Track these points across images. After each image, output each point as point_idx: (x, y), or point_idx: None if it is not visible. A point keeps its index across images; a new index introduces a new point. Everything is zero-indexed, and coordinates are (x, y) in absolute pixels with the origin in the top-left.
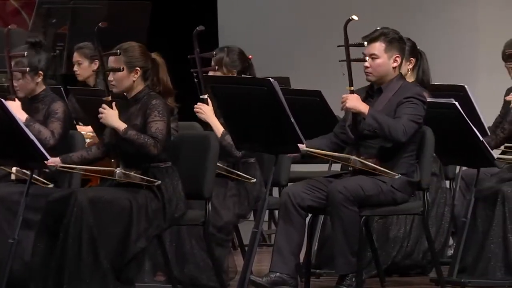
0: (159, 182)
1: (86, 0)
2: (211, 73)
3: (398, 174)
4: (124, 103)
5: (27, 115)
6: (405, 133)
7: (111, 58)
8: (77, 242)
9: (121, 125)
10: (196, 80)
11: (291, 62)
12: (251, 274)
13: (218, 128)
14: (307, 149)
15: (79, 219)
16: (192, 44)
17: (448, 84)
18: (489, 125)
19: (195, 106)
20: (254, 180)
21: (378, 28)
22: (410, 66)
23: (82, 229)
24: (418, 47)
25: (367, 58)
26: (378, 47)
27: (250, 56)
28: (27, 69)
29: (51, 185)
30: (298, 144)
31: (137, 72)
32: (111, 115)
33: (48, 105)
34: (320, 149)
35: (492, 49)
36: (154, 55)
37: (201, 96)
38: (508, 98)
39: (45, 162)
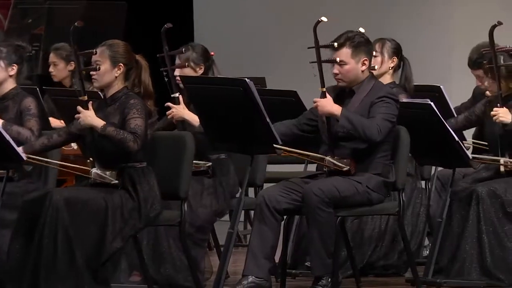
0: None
1: (62, 0)
2: (177, 72)
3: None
4: (101, 102)
5: (2, 120)
6: (380, 133)
7: (96, 52)
8: (52, 242)
9: (99, 123)
10: (166, 79)
11: (266, 63)
12: (226, 276)
13: (195, 119)
14: (283, 148)
15: (54, 219)
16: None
17: (424, 85)
18: None
19: (167, 113)
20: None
21: (342, 33)
22: (392, 65)
23: (57, 229)
24: (402, 53)
25: (337, 59)
26: (344, 53)
27: (212, 53)
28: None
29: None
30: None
31: (120, 68)
32: (88, 115)
33: (18, 102)
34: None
35: (467, 50)
36: (138, 57)
37: (172, 95)
38: (493, 113)
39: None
